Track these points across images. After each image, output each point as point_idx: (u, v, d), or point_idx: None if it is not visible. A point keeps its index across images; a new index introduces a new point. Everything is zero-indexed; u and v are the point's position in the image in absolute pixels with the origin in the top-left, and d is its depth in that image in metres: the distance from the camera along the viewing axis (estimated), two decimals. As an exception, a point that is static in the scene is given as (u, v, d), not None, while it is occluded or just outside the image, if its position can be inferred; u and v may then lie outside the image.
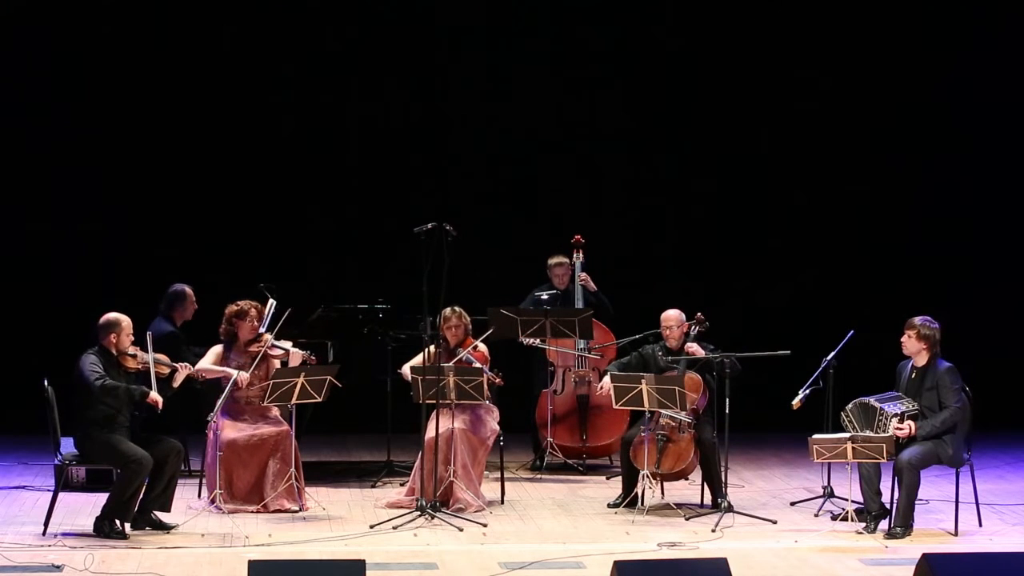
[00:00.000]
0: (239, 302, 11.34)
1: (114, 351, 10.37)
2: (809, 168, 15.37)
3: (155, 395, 10.28)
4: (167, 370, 10.55)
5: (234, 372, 11.10)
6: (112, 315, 10.44)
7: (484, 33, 15.06)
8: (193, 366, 11.04)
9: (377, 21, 14.98)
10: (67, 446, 10.54)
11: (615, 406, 11.12)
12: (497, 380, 11.28)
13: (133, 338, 10.50)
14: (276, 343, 11.29)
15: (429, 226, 10.85)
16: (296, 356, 11.29)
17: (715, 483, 11.16)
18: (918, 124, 15.42)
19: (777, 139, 15.36)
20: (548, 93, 15.15)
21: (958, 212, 15.42)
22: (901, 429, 10.44)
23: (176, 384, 10.60)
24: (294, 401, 10.95)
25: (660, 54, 15.25)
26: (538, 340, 12.50)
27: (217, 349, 11.31)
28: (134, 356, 10.43)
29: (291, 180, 14.88)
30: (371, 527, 10.55)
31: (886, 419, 10.47)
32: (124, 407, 10.31)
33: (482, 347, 11.65)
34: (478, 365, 11.28)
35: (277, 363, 11.25)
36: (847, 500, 10.77)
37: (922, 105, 15.38)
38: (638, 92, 15.25)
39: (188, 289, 12.25)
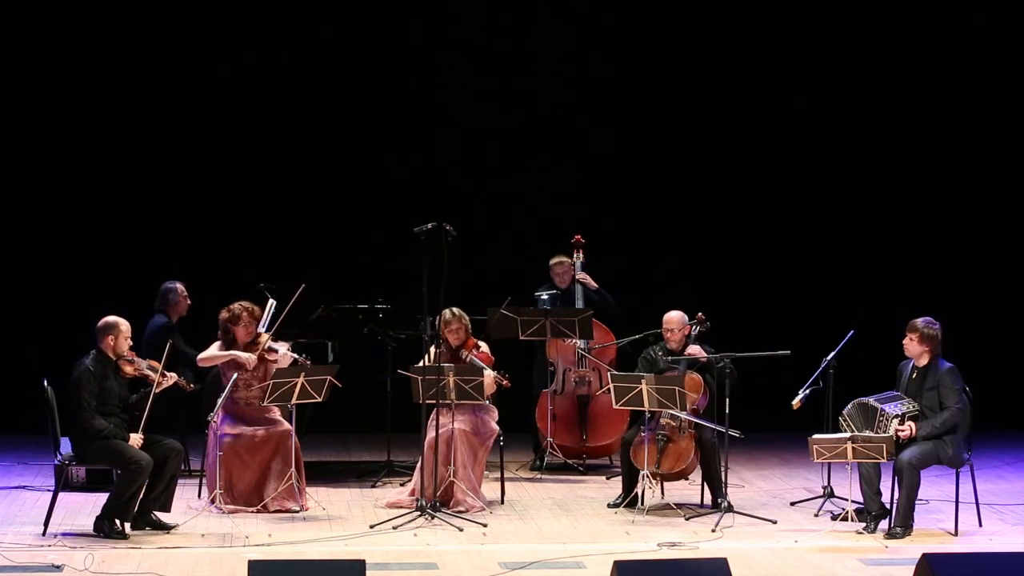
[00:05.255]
0: (230, 306, 11.28)
1: (111, 355, 10.36)
2: (809, 167, 15.36)
3: (136, 438, 10.26)
4: (161, 379, 10.47)
5: (241, 354, 11.06)
6: (111, 318, 10.42)
7: (484, 31, 15.06)
8: (189, 359, 11.12)
9: (376, 20, 14.98)
10: (67, 446, 10.53)
11: (615, 406, 11.12)
12: (504, 382, 11.29)
13: (132, 342, 10.49)
14: (272, 345, 11.28)
15: (429, 226, 10.86)
16: (286, 358, 11.25)
17: (715, 483, 11.16)
18: (918, 122, 15.41)
19: (777, 138, 15.35)
20: (548, 92, 15.15)
21: (958, 211, 15.42)
22: (903, 430, 10.44)
23: (159, 390, 10.48)
24: (294, 401, 10.95)
25: (659, 50, 15.25)
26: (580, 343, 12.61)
27: (219, 344, 11.29)
28: (131, 362, 10.40)
29: (291, 180, 14.87)
30: (371, 527, 10.55)
31: (887, 420, 10.47)
32: (117, 412, 10.32)
33: (484, 347, 11.65)
34: (488, 373, 11.25)
35: (273, 366, 11.23)
36: (847, 500, 10.77)
37: (922, 103, 15.38)
38: (638, 91, 15.25)
39: (179, 285, 12.33)
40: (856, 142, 15.42)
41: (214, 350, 11.23)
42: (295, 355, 11.31)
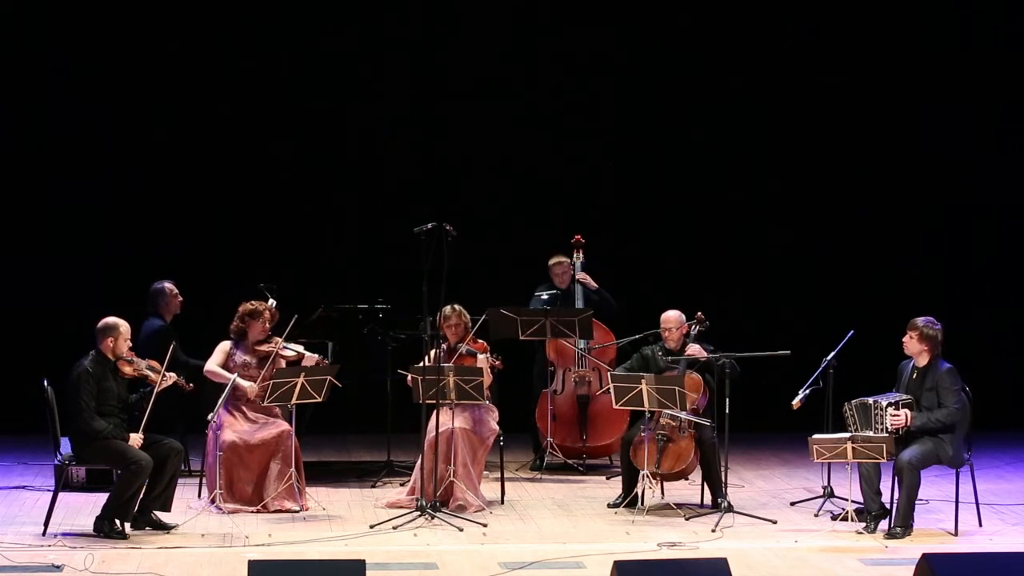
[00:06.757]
0: (254, 302, 11.34)
1: (111, 356, 10.35)
2: (809, 167, 15.36)
3: (136, 438, 10.27)
4: (158, 379, 10.46)
5: (236, 378, 11.06)
6: (110, 319, 10.40)
7: (483, 33, 15.06)
8: (190, 368, 11.09)
9: (375, 21, 14.98)
10: (67, 446, 10.53)
11: (615, 406, 11.12)
12: (497, 364, 11.31)
13: (131, 343, 10.49)
14: (288, 345, 11.30)
15: (429, 226, 10.86)
16: (310, 359, 11.28)
17: (715, 483, 11.16)
18: (919, 121, 15.41)
19: (778, 138, 15.35)
20: (548, 92, 15.15)
21: (958, 210, 15.42)
22: (897, 416, 10.43)
23: (158, 390, 10.46)
24: (294, 401, 10.94)
25: (662, 50, 15.24)
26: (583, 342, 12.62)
27: (225, 346, 11.30)
28: (131, 362, 10.40)
29: (291, 180, 14.87)
30: (371, 527, 10.55)
31: (882, 411, 10.47)
32: (116, 413, 10.33)
33: (481, 340, 11.67)
34: (481, 356, 11.29)
35: (284, 364, 11.24)
36: (847, 500, 10.77)
37: (923, 102, 15.38)
38: (637, 91, 15.25)
39: (168, 284, 12.32)
40: (856, 142, 15.40)
41: (217, 360, 11.23)
42: (316, 356, 11.34)
